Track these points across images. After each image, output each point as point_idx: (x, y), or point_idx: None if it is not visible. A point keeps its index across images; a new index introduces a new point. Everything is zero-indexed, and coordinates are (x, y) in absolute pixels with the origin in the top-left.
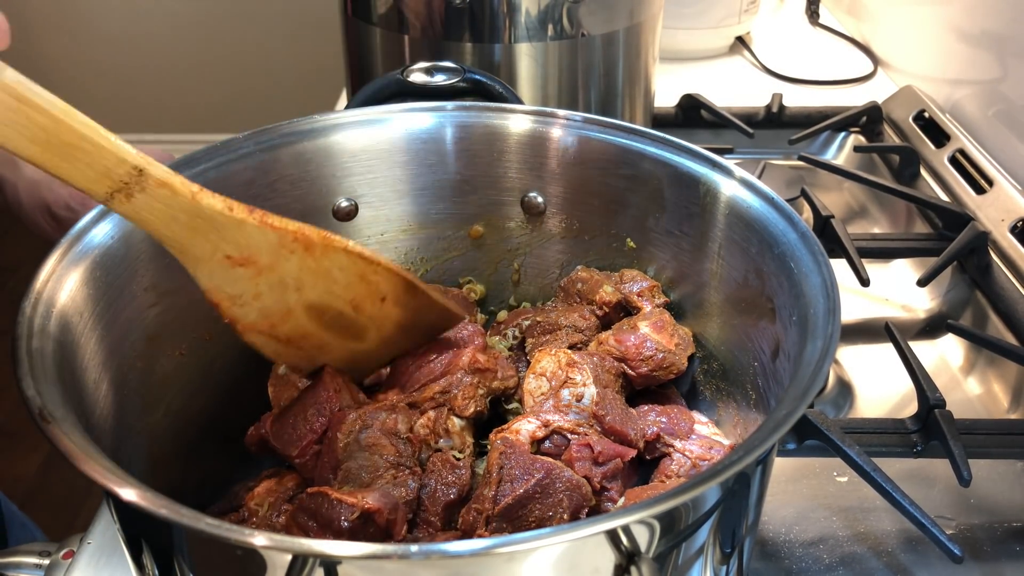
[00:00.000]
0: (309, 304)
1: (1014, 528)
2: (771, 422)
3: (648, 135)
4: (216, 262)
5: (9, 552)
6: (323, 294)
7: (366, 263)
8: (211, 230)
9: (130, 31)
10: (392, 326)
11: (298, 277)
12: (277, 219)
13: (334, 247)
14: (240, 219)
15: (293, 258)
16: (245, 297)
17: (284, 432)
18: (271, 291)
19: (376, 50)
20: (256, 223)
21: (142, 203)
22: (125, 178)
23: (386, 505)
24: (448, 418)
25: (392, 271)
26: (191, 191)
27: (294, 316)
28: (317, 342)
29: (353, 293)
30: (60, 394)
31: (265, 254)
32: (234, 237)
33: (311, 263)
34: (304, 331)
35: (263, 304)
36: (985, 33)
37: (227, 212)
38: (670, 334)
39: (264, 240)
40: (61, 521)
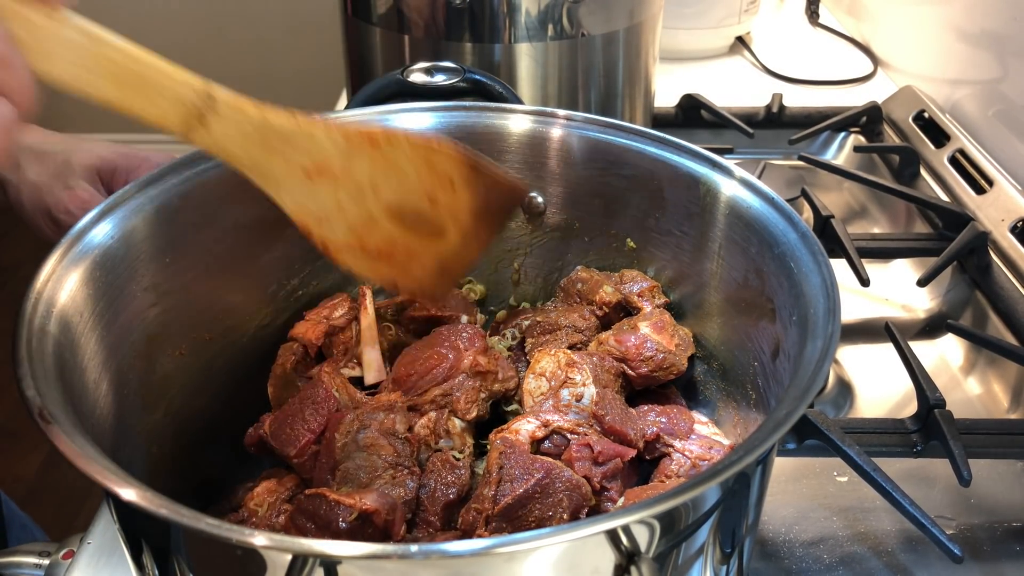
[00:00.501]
0: (388, 206)
1: (1014, 528)
2: (771, 422)
3: (648, 135)
4: (295, 179)
5: (9, 552)
6: (398, 190)
7: (427, 148)
8: (284, 144)
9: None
10: (467, 214)
11: (371, 177)
12: (339, 122)
13: (396, 137)
14: (308, 126)
15: (362, 158)
16: (329, 212)
17: (282, 433)
18: (351, 200)
19: (376, 50)
20: (323, 129)
21: (219, 129)
22: (197, 103)
23: (384, 506)
24: (449, 419)
25: (455, 151)
26: (259, 109)
27: (378, 224)
28: (405, 249)
29: (425, 183)
30: (60, 394)
31: (336, 158)
32: (305, 146)
33: (379, 159)
34: (390, 237)
35: (347, 217)
36: (985, 33)
37: (294, 123)
38: (670, 335)
39: (332, 144)
40: (61, 521)
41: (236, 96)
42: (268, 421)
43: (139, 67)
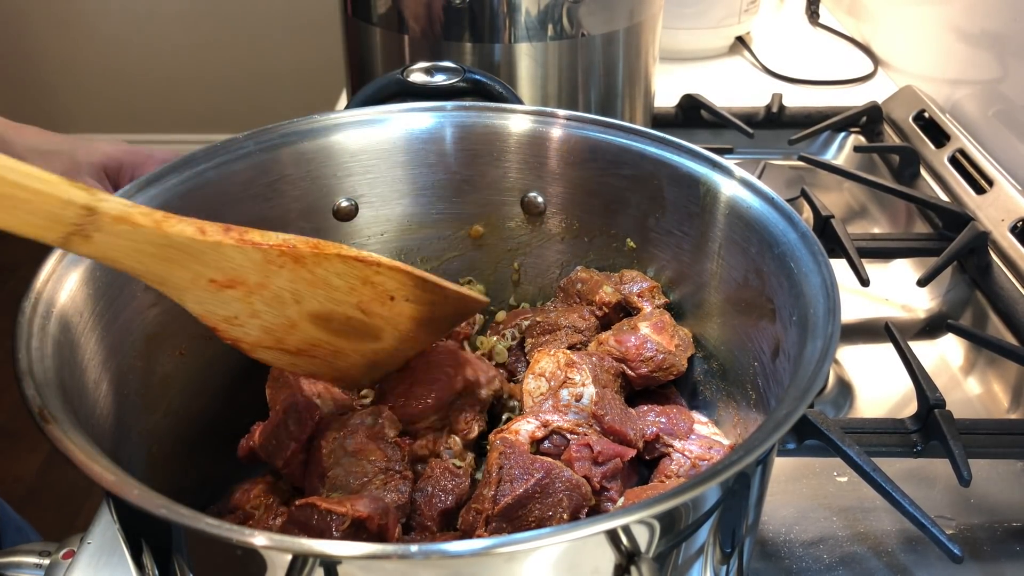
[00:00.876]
0: (313, 314)
1: (1014, 528)
2: (771, 422)
3: (648, 135)
4: (201, 288)
5: (9, 552)
6: (325, 302)
7: (365, 266)
8: (187, 257)
9: (130, 31)
10: (407, 322)
11: (294, 290)
12: (258, 234)
13: (326, 256)
14: (215, 241)
15: (283, 272)
16: (241, 318)
17: (268, 443)
18: (268, 307)
19: (376, 50)
20: (234, 243)
21: (103, 242)
22: (76, 220)
23: (376, 511)
24: (448, 437)
25: (395, 269)
26: (154, 221)
27: (299, 328)
28: (331, 349)
29: (358, 297)
30: (60, 394)
31: (252, 273)
32: (214, 261)
33: (305, 274)
34: (314, 340)
35: (263, 321)
36: (985, 33)
37: (200, 237)
38: (670, 335)
39: (247, 259)
40: (61, 521)
41: (126, 207)
42: (258, 431)
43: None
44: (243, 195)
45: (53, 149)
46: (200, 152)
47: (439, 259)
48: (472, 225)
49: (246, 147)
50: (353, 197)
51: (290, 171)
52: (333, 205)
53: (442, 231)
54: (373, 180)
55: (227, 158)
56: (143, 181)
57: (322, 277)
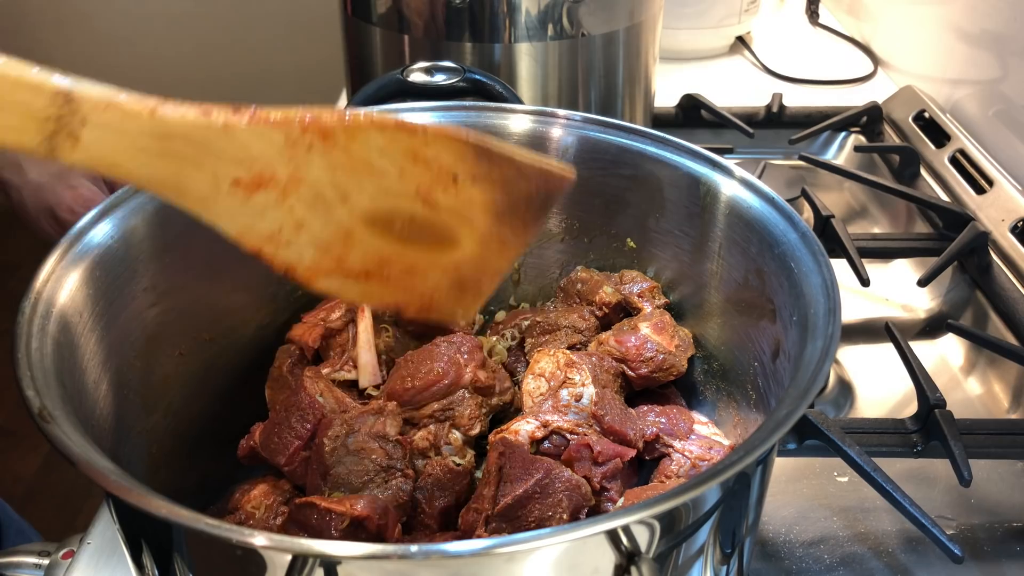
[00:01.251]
0: (367, 214)
1: (1014, 528)
2: (771, 422)
3: (648, 135)
4: (226, 195)
5: (9, 552)
6: (377, 195)
7: (409, 135)
8: (197, 152)
9: (129, 31)
10: (483, 214)
11: (335, 182)
12: (273, 111)
13: (358, 126)
14: (224, 124)
15: (314, 157)
16: (285, 231)
17: (270, 442)
18: (312, 212)
19: (376, 50)
20: (247, 124)
21: (94, 140)
22: (53, 111)
23: (375, 511)
24: (449, 432)
25: (445, 136)
26: (147, 107)
27: (357, 237)
28: (405, 265)
29: (413, 182)
30: (60, 394)
31: (279, 163)
32: (229, 151)
33: (340, 157)
34: (380, 254)
35: (312, 234)
36: (985, 33)
37: (204, 120)
38: (670, 335)
39: (267, 144)
40: (61, 521)
41: (111, 92)
42: (257, 432)
43: None
44: None
45: None
46: None
47: None
48: None
49: None
50: None
51: None
52: None
53: None
54: None
55: None
56: None
57: (362, 158)
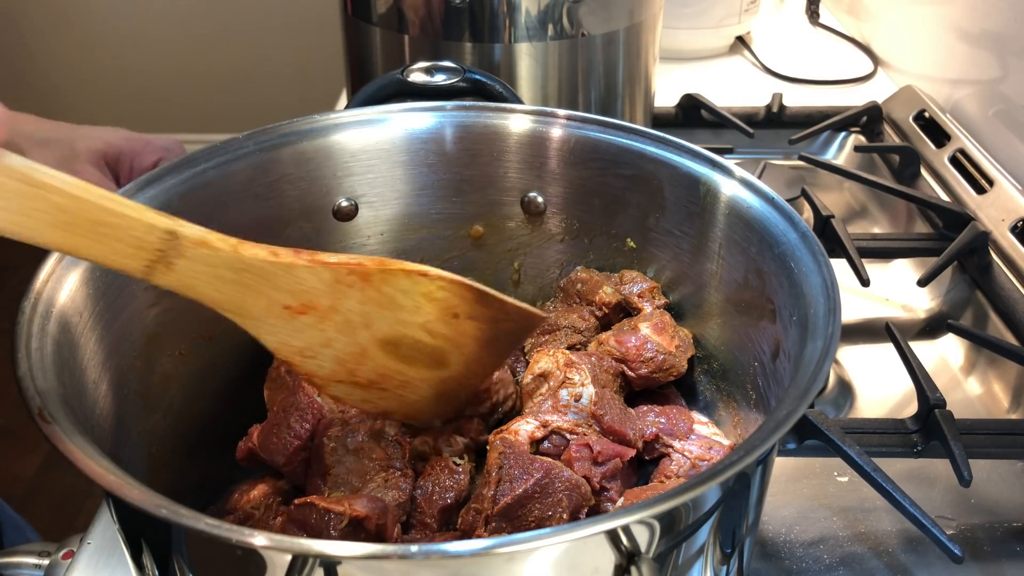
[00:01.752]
0: (382, 339)
1: (1014, 528)
2: (771, 422)
3: (648, 135)
4: (275, 316)
5: (8, 552)
6: (394, 324)
7: (429, 281)
8: (261, 282)
9: (130, 31)
10: (472, 343)
11: (363, 312)
12: (328, 255)
13: (392, 271)
14: (288, 263)
15: (353, 293)
16: (315, 347)
17: (269, 442)
18: (340, 334)
19: (376, 50)
20: (306, 264)
21: (185, 269)
22: (160, 245)
23: (374, 511)
24: (451, 436)
25: (457, 283)
26: (231, 244)
27: (370, 356)
28: (400, 379)
29: (424, 316)
30: (60, 394)
31: (323, 295)
32: (286, 284)
33: (373, 294)
34: (384, 369)
35: (335, 351)
36: (985, 33)
37: (273, 259)
38: (671, 336)
39: (318, 281)
40: (61, 521)
41: (204, 232)
42: (256, 433)
43: (90, 211)
44: (243, 195)
45: (51, 137)
46: (200, 152)
47: (439, 259)
48: (472, 225)
49: (246, 147)
50: (353, 197)
51: (290, 171)
52: (333, 205)
53: (442, 231)
54: (373, 180)
55: (227, 158)
56: (143, 181)
57: (389, 296)
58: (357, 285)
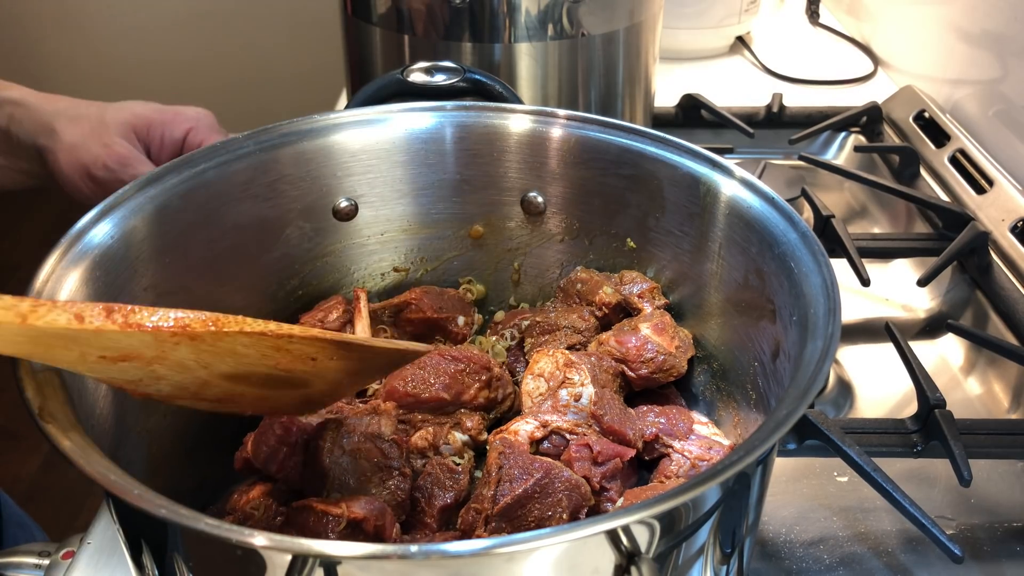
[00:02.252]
0: (226, 375)
1: (1014, 528)
2: (771, 422)
3: (648, 135)
4: (92, 362)
5: (9, 552)
6: (237, 367)
7: (275, 338)
8: (67, 342)
9: (130, 30)
10: (337, 373)
11: (198, 359)
12: (146, 314)
13: (227, 333)
14: (95, 329)
15: (181, 348)
16: (146, 380)
17: (260, 451)
18: (175, 373)
19: (376, 50)
20: (118, 329)
21: None
22: None
23: (372, 512)
24: (450, 433)
25: (311, 339)
26: (19, 314)
27: (214, 385)
28: (255, 396)
29: (273, 360)
30: (60, 394)
31: (146, 350)
32: (98, 343)
33: (206, 348)
34: (233, 393)
35: (173, 381)
36: (985, 33)
37: (76, 325)
38: (671, 336)
39: (136, 342)
40: (61, 521)
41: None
42: (249, 442)
43: None
44: (243, 195)
45: (82, 113)
46: (200, 152)
47: (439, 259)
48: (472, 225)
49: (246, 147)
50: (353, 197)
51: (290, 171)
52: (333, 205)
53: (442, 231)
54: (373, 180)
55: (227, 158)
56: (143, 181)
57: (227, 349)
58: (185, 343)
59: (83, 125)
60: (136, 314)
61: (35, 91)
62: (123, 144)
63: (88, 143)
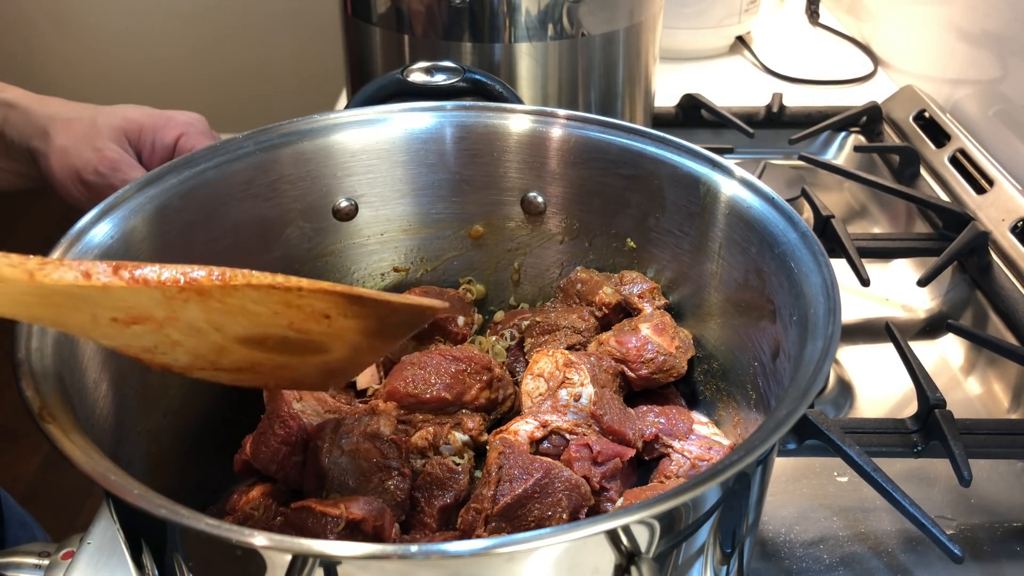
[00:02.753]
0: (241, 338)
1: (1014, 528)
2: (771, 422)
3: (648, 135)
4: (104, 327)
5: (9, 552)
6: (250, 327)
7: (284, 292)
8: (77, 302)
9: (130, 31)
10: (355, 335)
11: (210, 320)
12: (153, 271)
13: (234, 287)
14: (103, 285)
15: (191, 306)
16: (161, 347)
17: (259, 452)
18: (187, 336)
19: (376, 50)
20: (125, 284)
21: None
22: None
23: (370, 513)
24: (450, 432)
25: (320, 291)
26: (27, 271)
27: (231, 351)
28: (275, 364)
29: (287, 319)
30: (60, 394)
31: (155, 309)
32: (108, 302)
33: (216, 305)
34: (251, 359)
35: (187, 348)
36: (985, 33)
37: (83, 282)
38: (671, 337)
39: (145, 298)
40: (61, 521)
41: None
42: (248, 444)
43: None
44: (243, 195)
45: (74, 116)
46: (200, 152)
47: (439, 259)
48: (472, 225)
49: (246, 147)
50: (353, 197)
51: (290, 171)
52: (333, 205)
53: (442, 231)
54: (373, 180)
55: (227, 158)
56: (143, 181)
57: (237, 306)
58: (194, 299)
59: (75, 129)
60: (141, 269)
61: (30, 93)
62: (114, 149)
63: (80, 147)
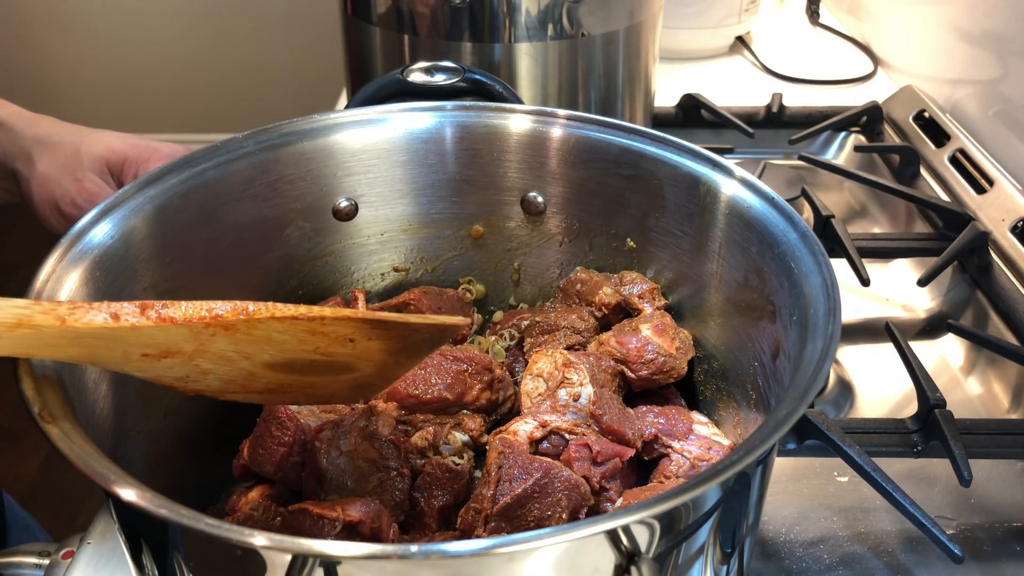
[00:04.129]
0: (269, 364)
1: (1014, 528)
2: (771, 422)
3: (648, 135)
4: (137, 361)
5: (9, 552)
6: (277, 354)
7: (308, 322)
8: (108, 342)
9: (130, 31)
10: (380, 354)
11: (237, 349)
12: (180, 309)
13: (259, 320)
14: (132, 326)
15: (218, 339)
16: (193, 376)
17: (257, 454)
18: (216, 365)
19: (376, 50)
20: (153, 325)
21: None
22: None
23: (368, 514)
24: (450, 433)
25: (343, 319)
26: (58, 317)
27: (260, 376)
28: (305, 384)
29: (312, 345)
30: (60, 394)
31: (184, 343)
32: (138, 340)
33: (242, 336)
34: (282, 381)
35: (219, 375)
36: (985, 33)
37: (112, 324)
38: (671, 337)
39: (173, 336)
40: (61, 521)
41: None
42: (246, 448)
43: None
44: (243, 195)
45: (59, 140)
46: (200, 152)
47: (439, 259)
48: (472, 225)
49: (246, 147)
50: (353, 197)
51: (290, 171)
52: (333, 205)
53: (442, 231)
54: (373, 180)
55: (227, 158)
56: (143, 181)
57: (262, 336)
58: (220, 333)
59: (58, 156)
60: (169, 309)
61: (22, 111)
62: (94, 180)
63: (60, 176)
